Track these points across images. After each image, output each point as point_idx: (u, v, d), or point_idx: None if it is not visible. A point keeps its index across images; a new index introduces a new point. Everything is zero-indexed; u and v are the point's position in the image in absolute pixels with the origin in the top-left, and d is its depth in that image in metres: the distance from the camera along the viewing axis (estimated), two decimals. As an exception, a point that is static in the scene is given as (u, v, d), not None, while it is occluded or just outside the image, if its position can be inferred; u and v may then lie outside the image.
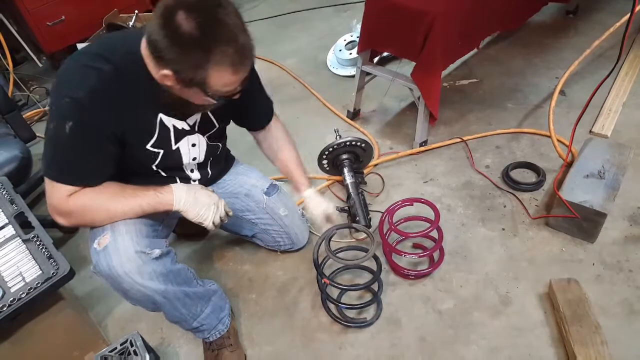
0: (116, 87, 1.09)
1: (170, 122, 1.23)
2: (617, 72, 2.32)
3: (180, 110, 1.21)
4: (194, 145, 1.33)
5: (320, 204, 1.50)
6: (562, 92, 2.28)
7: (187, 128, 1.28)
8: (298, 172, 1.52)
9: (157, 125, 1.21)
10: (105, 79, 1.07)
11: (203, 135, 1.34)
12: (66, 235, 2.00)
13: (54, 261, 1.26)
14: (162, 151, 1.26)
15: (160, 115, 1.20)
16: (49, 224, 1.80)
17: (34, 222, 1.39)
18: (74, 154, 1.12)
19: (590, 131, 2.05)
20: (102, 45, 1.13)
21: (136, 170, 1.29)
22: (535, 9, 2.45)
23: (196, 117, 1.29)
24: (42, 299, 1.22)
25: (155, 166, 1.29)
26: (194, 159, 1.37)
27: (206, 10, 0.96)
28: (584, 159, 1.76)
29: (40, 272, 1.25)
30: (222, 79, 1.03)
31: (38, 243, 1.32)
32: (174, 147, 1.28)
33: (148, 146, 1.22)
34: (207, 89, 1.04)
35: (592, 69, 2.38)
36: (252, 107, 1.46)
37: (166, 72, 1.01)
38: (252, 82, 1.39)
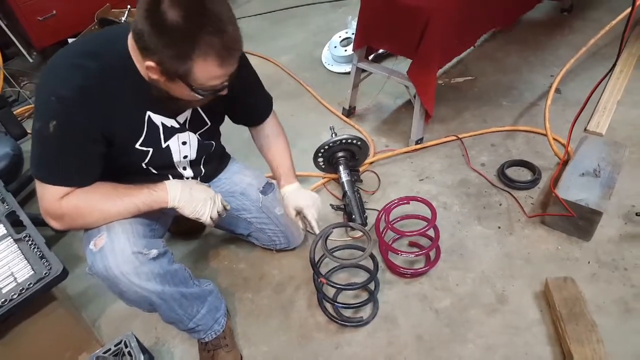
0: (103, 85, 1.06)
1: (159, 119, 1.20)
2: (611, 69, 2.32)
3: (169, 106, 1.18)
4: (184, 143, 1.30)
5: (294, 200, 1.45)
6: (557, 90, 2.28)
7: (177, 126, 1.25)
8: (282, 168, 1.49)
9: (146, 123, 1.18)
10: (91, 77, 1.05)
11: (194, 132, 1.32)
12: (59, 234, 1.97)
13: (47, 261, 1.24)
14: (151, 149, 1.24)
15: (149, 113, 1.18)
16: (40, 222, 1.77)
17: (26, 220, 1.37)
18: (59, 153, 1.09)
19: (585, 129, 2.05)
20: (90, 42, 1.10)
21: (126, 169, 1.26)
22: (530, 5, 2.45)
23: (186, 115, 1.26)
24: (35, 300, 1.20)
25: (146, 164, 1.27)
26: (185, 156, 1.34)
27: None
28: (579, 157, 1.76)
29: (33, 272, 1.23)
30: (208, 72, 0.99)
31: (30, 242, 1.30)
32: (163, 145, 1.26)
33: (137, 145, 1.20)
34: (192, 83, 1.01)
35: (587, 66, 2.38)
36: (249, 104, 1.43)
37: (151, 63, 0.98)
38: (249, 77, 1.37)
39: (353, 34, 2.27)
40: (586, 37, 2.47)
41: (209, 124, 1.34)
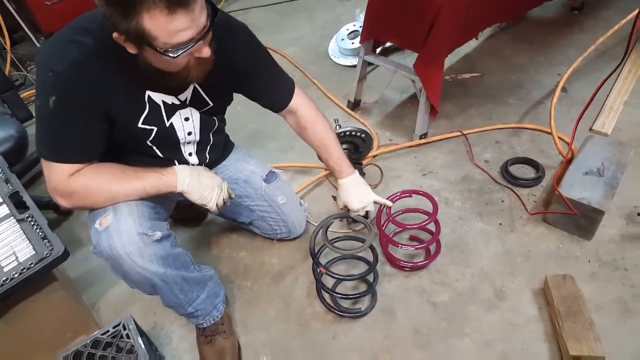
0: (99, 61, 1.05)
1: (159, 97, 1.19)
2: (619, 70, 2.31)
3: (165, 83, 1.15)
4: (187, 119, 1.29)
5: (356, 197, 1.44)
6: (564, 89, 2.27)
7: (178, 103, 1.24)
8: (333, 156, 1.45)
9: (147, 102, 1.18)
10: (87, 53, 1.04)
11: (197, 109, 1.31)
12: (61, 217, 1.98)
13: (48, 242, 1.25)
14: (155, 128, 1.23)
15: (148, 92, 1.17)
16: (44, 205, 1.80)
17: (29, 202, 1.37)
18: (60, 128, 1.09)
19: (591, 129, 2.05)
20: (86, 20, 1.09)
21: (131, 148, 1.26)
22: (537, 2, 2.42)
23: (187, 94, 1.25)
24: (36, 280, 1.21)
25: (150, 142, 1.26)
26: (189, 133, 1.32)
27: None
28: (583, 156, 1.75)
29: (34, 252, 1.24)
30: (160, 24, 0.92)
31: (32, 223, 1.31)
32: (167, 124, 1.25)
33: (139, 124, 1.19)
34: (154, 43, 0.95)
35: (595, 66, 2.36)
36: (262, 84, 1.39)
37: (115, 34, 0.96)
38: (256, 55, 1.34)
39: (361, 26, 2.26)
40: (596, 36, 2.45)
41: (211, 104, 1.32)
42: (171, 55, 0.98)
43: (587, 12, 2.81)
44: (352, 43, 2.68)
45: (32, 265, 1.20)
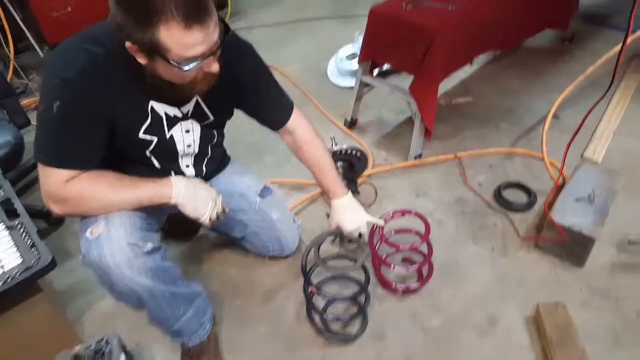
0: (106, 70, 1.07)
1: (162, 108, 1.20)
2: (609, 99, 2.36)
3: (170, 95, 1.17)
4: (187, 131, 1.29)
5: (350, 219, 1.43)
6: (555, 116, 2.30)
7: (180, 115, 1.25)
8: (327, 177, 1.45)
9: (149, 113, 1.18)
10: (95, 61, 1.05)
11: (198, 122, 1.31)
12: (51, 227, 1.95)
13: (36, 250, 1.22)
14: (155, 138, 1.23)
15: (152, 103, 1.18)
16: (35, 213, 1.77)
17: (20, 209, 1.35)
18: (63, 134, 1.09)
19: (582, 156, 2.07)
20: (96, 30, 1.11)
21: (130, 158, 1.26)
22: (530, 33, 2.49)
23: (189, 107, 1.26)
24: (21, 289, 1.18)
25: (150, 152, 1.26)
26: (189, 145, 1.33)
27: None
28: (575, 183, 1.77)
29: (21, 260, 1.20)
30: (176, 37, 0.94)
31: (22, 231, 1.28)
32: (167, 135, 1.25)
33: (140, 133, 1.20)
34: (167, 55, 0.97)
35: (586, 94, 2.40)
36: (261, 101, 1.39)
37: (128, 43, 0.98)
38: (258, 71, 1.35)
39: (359, 48, 2.30)
40: (585, 66, 2.50)
41: (212, 118, 1.33)
42: (182, 67, 1.00)
43: (577, 43, 2.88)
44: (351, 64, 2.71)
45: (18, 275, 1.17)
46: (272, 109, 1.43)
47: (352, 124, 2.38)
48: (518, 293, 1.58)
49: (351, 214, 1.46)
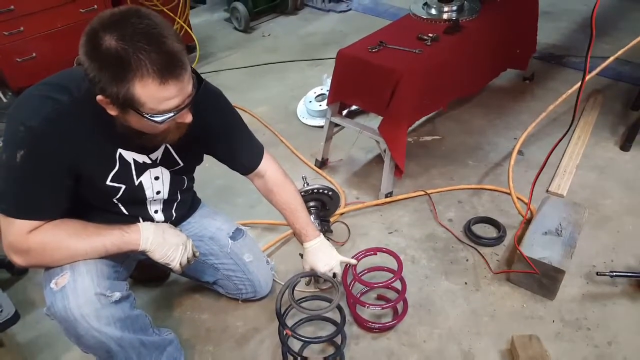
0: (72, 119, 1.06)
1: (130, 156, 1.19)
2: (570, 135, 2.47)
3: (139, 143, 1.16)
4: (157, 178, 1.28)
5: (323, 260, 1.45)
6: (520, 152, 2.39)
7: (149, 162, 1.24)
8: (298, 220, 1.47)
9: (117, 160, 1.17)
10: (61, 110, 1.04)
11: (167, 168, 1.31)
12: (14, 277, 1.87)
13: (-3, 303, 1.18)
14: (123, 186, 1.22)
15: (120, 150, 1.17)
16: (-5, 264, 1.70)
17: (-21, 261, 1.30)
18: (26, 184, 1.07)
19: (547, 190, 2.15)
20: (63, 78, 1.10)
21: (97, 205, 1.24)
22: (495, 74, 2.62)
23: (158, 154, 1.25)
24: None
25: (117, 199, 1.24)
26: (158, 192, 1.31)
27: (125, 23, 0.91)
28: (542, 217, 1.82)
29: (-19, 314, 1.16)
30: (151, 92, 0.93)
31: (-19, 283, 1.23)
32: (136, 182, 1.24)
33: (108, 181, 1.18)
34: (141, 109, 0.96)
35: (547, 131, 2.52)
36: (231, 147, 1.40)
37: (100, 96, 0.97)
38: (228, 117, 1.37)
39: (328, 90, 2.36)
40: (546, 104, 2.60)
41: (182, 164, 1.32)
42: (156, 120, 0.99)
43: (537, 82, 3.03)
44: (320, 105, 2.77)
45: (-23, 330, 1.12)
46: (243, 155, 1.44)
47: (322, 164, 2.41)
48: (492, 327, 1.59)
49: (324, 256, 1.46)
